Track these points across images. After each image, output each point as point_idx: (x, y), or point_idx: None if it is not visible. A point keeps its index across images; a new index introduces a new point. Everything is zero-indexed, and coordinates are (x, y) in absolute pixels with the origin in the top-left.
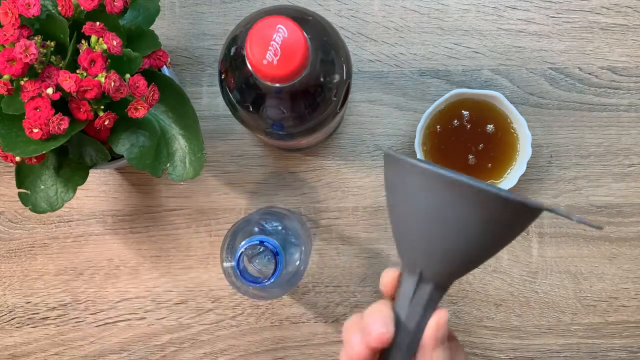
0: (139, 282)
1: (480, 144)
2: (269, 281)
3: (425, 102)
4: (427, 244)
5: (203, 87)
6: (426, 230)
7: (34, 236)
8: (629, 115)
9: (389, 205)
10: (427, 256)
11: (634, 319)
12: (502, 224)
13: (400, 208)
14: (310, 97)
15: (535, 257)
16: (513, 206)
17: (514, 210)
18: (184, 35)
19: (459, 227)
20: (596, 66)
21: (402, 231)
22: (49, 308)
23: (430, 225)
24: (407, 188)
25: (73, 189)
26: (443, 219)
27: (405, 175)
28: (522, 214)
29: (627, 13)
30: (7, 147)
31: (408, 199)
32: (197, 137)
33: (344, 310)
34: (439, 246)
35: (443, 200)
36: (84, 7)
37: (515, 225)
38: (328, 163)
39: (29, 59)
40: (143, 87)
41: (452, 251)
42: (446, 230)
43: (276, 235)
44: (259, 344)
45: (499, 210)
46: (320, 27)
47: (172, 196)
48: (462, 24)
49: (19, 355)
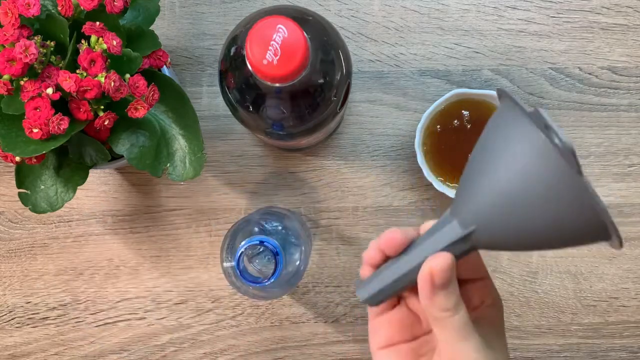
0: (139, 282)
1: None
2: (269, 281)
3: (425, 102)
4: (494, 196)
5: (203, 87)
6: (505, 186)
7: (34, 236)
8: (629, 115)
9: (481, 143)
10: (482, 203)
11: (634, 319)
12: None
13: (492, 151)
14: (310, 97)
15: (535, 257)
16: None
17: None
18: (184, 35)
19: (538, 201)
20: (596, 66)
21: (476, 173)
22: (49, 308)
23: (513, 184)
24: (517, 141)
25: (73, 189)
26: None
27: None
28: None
29: (627, 13)
30: (7, 147)
31: (508, 148)
32: (197, 137)
33: (344, 310)
34: (505, 202)
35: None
36: (84, 7)
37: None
38: (328, 163)
39: (29, 59)
40: (143, 87)
41: (511, 212)
42: (524, 195)
43: (276, 235)
44: (259, 344)
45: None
46: (320, 27)
47: (172, 196)
48: (462, 24)
49: (19, 355)
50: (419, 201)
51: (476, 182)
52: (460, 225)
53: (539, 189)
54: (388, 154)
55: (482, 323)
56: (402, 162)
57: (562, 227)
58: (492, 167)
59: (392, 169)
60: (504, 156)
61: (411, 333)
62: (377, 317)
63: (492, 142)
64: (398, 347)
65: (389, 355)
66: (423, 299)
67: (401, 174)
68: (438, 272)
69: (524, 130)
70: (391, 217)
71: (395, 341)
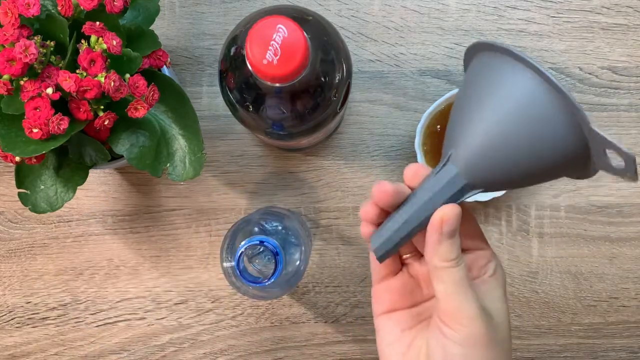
0: (139, 282)
1: None
2: (269, 281)
3: (425, 102)
4: (483, 131)
5: (203, 87)
6: (491, 119)
7: (33, 236)
8: (629, 115)
9: (464, 88)
10: (472, 141)
11: (634, 319)
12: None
13: (474, 90)
14: (310, 97)
15: (535, 257)
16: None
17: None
18: (184, 35)
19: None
20: (596, 66)
21: (464, 114)
22: (49, 308)
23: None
24: (497, 76)
25: (73, 189)
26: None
27: (503, 63)
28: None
29: (627, 13)
30: (7, 147)
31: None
32: (197, 137)
33: (344, 310)
34: (496, 138)
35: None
36: (84, 7)
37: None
38: (328, 163)
39: (29, 58)
40: (143, 87)
41: (503, 147)
42: (511, 126)
43: (276, 235)
44: (259, 344)
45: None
46: (320, 27)
47: (172, 196)
48: (463, 23)
49: (19, 355)
50: None
51: (471, 128)
52: (461, 174)
53: (533, 112)
54: (388, 154)
55: (483, 291)
56: (402, 162)
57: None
58: (485, 111)
59: (392, 169)
60: (497, 99)
61: (412, 299)
62: (380, 283)
63: (481, 86)
64: (399, 313)
65: (391, 320)
66: (429, 247)
67: (401, 174)
68: (448, 220)
69: (515, 70)
70: None
71: (396, 307)
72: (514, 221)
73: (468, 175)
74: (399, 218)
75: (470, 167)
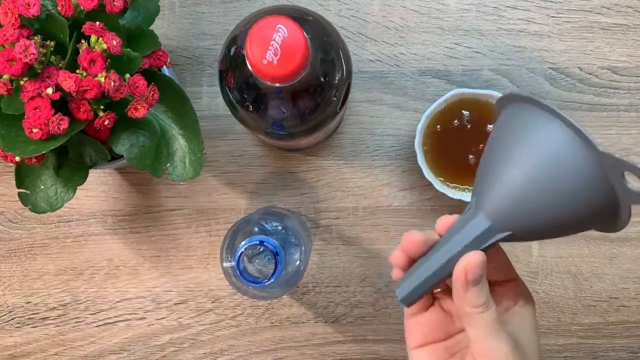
0: (139, 282)
1: (480, 144)
2: (269, 281)
3: (425, 102)
4: (511, 180)
5: (203, 87)
6: (520, 169)
7: (33, 236)
8: (629, 115)
9: (498, 139)
10: (500, 190)
11: (634, 319)
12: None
13: (505, 140)
14: (310, 97)
15: (535, 257)
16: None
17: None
18: (184, 35)
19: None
20: (596, 66)
21: (493, 166)
22: (49, 308)
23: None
24: (531, 129)
25: (73, 189)
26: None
27: (535, 117)
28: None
29: (627, 13)
30: (7, 147)
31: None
32: (197, 137)
33: (344, 310)
34: (524, 187)
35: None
36: (84, 7)
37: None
38: (328, 163)
39: (29, 58)
40: (143, 87)
41: (530, 196)
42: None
43: (276, 235)
44: (259, 344)
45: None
46: (320, 27)
47: (172, 196)
48: (462, 23)
49: (19, 355)
50: (419, 201)
51: (498, 175)
52: (485, 217)
53: (562, 171)
54: (388, 154)
55: (514, 323)
56: (402, 162)
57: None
58: (514, 159)
59: (392, 169)
60: (525, 148)
61: (445, 332)
62: (412, 318)
63: (510, 136)
64: (433, 346)
65: (424, 354)
66: (456, 295)
67: (401, 174)
68: (471, 269)
69: (543, 120)
70: (391, 217)
71: (429, 340)
72: None
73: (494, 222)
74: (425, 267)
75: (497, 215)
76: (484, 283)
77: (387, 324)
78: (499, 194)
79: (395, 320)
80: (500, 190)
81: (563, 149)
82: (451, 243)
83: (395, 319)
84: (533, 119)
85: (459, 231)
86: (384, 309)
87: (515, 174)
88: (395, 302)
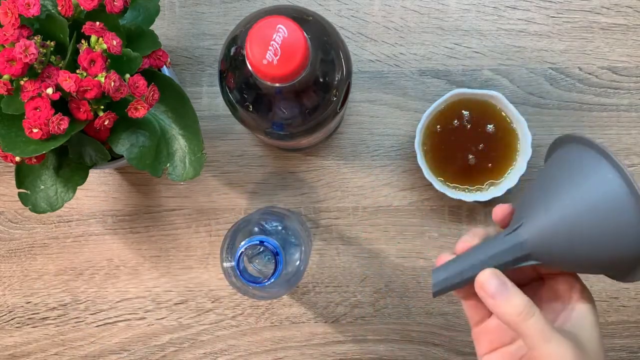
0: (139, 282)
1: (480, 144)
2: (269, 281)
3: (425, 102)
4: (559, 215)
5: (203, 87)
6: (570, 207)
7: (33, 236)
8: (629, 115)
9: (549, 168)
10: (546, 220)
11: (634, 319)
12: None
13: (559, 174)
14: (310, 97)
15: None
16: None
17: None
18: (184, 35)
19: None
20: (596, 66)
21: (545, 193)
22: (49, 308)
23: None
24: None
25: (73, 189)
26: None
27: (592, 160)
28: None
29: (627, 13)
30: (7, 147)
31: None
32: (197, 137)
33: (344, 310)
34: (570, 224)
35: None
36: (84, 7)
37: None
38: (328, 163)
39: (29, 59)
40: (143, 87)
41: (573, 233)
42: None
43: (276, 235)
44: (259, 344)
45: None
46: (320, 27)
47: (172, 196)
48: (462, 24)
49: (19, 355)
50: (419, 201)
51: (550, 211)
52: (527, 245)
53: (605, 222)
54: (388, 154)
55: (572, 320)
56: (402, 162)
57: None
58: (564, 195)
59: (392, 169)
60: (580, 191)
61: (510, 336)
62: (477, 327)
63: (567, 174)
64: (500, 351)
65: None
66: (487, 306)
67: (401, 174)
68: (483, 283)
69: (601, 170)
70: (391, 217)
71: (496, 345)
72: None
73: (533, 247)
74: (459, 265)
75: (538, 242)
76: (513, 290)
77: (387, 324)
78: (547, 228)
79: (395, 320)
80: (548, 225)
81: (616, 201)
82: (488, 253)
83: (395, 319)
84: (592, 164)
85: (498, 246)
86: (384, 309)
87: (566, 213)
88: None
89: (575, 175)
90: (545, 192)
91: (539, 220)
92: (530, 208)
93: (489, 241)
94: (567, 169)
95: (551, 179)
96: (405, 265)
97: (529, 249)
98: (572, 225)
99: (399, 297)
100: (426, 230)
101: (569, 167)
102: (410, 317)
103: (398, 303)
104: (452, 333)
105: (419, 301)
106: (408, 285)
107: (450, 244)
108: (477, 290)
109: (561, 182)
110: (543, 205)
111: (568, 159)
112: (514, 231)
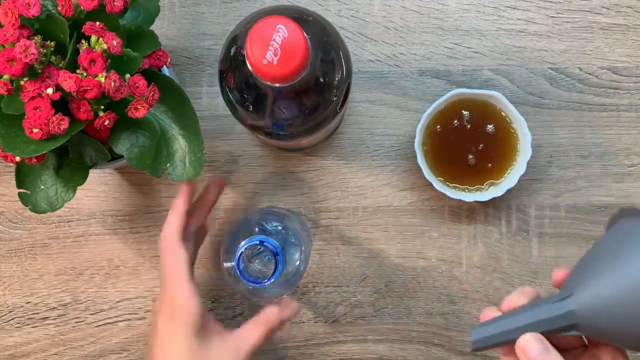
0: (139, 282)
1: (480, 144)
2: (269, 281)
3: (425, 102)
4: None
5: (203, 87)
6: (627, 284)
7: (34, 236)
8: (629, 115)
9: (607, 240)
10: (599, 294)
11: None
12: None
13: (618, 249)
14: (310, 97)
15: (535, 257)
16: None
17: None
18: (184, 35)
19: None
20: (596, 66)
21: (601, 265)
22: (49, 308)
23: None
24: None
25: (73, 189)
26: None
27: None
28: None
29: (627, 13)
30: (7, 147)
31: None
32: (197, 137)
33: (344, 310)
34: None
35: None
36: (84, 7)
37: None
38: (328, 163)
39: (29, 59)
40: (143, 87)
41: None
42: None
43: (276, 235)
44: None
45: None
46: (320, 27)
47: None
48: (462, 24)
49: (19, 355)
50: (419, 201)
51: (598, 279)
52: (575, 306)
53: None
54: (388, 154)
55: None
56: (402, 162)
57: None
58: (619, 272)
59: (392, 169)
60: (634, 265)
61: None
62: (507, 357)
63: (625, 248)
64: None
65: None
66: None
67: (401, 174)
68: (525, 348)
69: None
70: (391, 217)
71: None
72: (514, 221)
73: (581, 319)
74: (503, 325)
75: (587, 315)
76: (553, 354)
77: (387, 324)
78: (598, 305)
79: (395, 320)
80: (600, 299)
81: None
82: (534, 317)
83: (395, 319)
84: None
85: (545, 312)
86: (384, 309)
87: (621, 290)
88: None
89: (633, 252)
90: (600, 264)
91: (590, 294)
92: (583, 278)
93: (537, 305)
94: (625, 244)
95: (608, 251)
96: (405, 265)
97: (575, 320)
98: (625, 306)
99: (399, 297)
100: (426, 230)
101: (627, 243)
102: (410, 317)
103: (398, 303)
104: (452, 333)
105: (419, 301)
106: (408, 285)
107: (450, 244)
108: (518, 353)
109: (617, 257)
110: (595, 279)
111: (630, 234)
112: (563, 299)
